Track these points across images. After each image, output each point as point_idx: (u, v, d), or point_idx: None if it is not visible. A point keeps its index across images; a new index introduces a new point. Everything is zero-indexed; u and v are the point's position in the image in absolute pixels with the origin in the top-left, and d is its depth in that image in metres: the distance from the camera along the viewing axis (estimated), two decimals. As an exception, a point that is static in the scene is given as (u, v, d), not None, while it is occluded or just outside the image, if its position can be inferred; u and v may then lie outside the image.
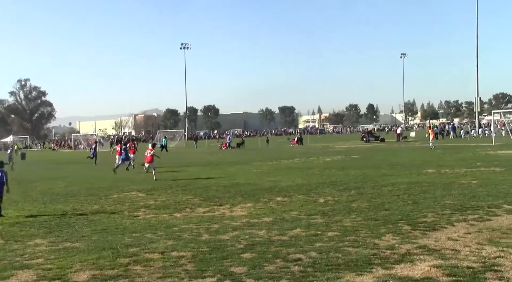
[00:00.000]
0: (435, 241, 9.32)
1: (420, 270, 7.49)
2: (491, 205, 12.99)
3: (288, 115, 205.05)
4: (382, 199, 14.91)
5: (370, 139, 63.12)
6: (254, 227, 11.42)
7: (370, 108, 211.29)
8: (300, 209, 13.67)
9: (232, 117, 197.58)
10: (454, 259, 8.01)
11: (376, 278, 7.19)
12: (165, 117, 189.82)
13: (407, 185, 17.78)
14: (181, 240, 10.29)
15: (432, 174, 21.61)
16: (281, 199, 15.79)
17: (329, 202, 14.86)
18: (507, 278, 6.93)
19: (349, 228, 10.77)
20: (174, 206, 15.28)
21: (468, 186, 16.91)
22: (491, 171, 21.64)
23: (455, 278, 7.02)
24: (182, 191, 18.94)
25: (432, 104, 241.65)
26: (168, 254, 9.11)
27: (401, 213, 12.28)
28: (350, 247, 9.05)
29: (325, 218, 12.17)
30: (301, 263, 8.11)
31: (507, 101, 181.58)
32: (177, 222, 12.52)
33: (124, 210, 14.78)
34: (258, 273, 7.64)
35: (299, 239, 9.89)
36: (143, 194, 18.38)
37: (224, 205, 15.01)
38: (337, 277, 7.30)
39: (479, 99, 76.97)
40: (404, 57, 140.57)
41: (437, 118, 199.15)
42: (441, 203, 13.69)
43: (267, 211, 13.69)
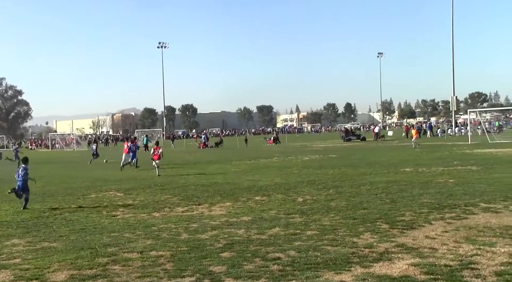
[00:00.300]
0: (413, 239, 9.40)
1: (398, 268, 7.55)
2: (468, 203, 13.16)
3: (266, 114, 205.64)
4: (360, 197, 15.00)
5: (351, 138, 63.49)
6: (233, 226, 11.40)
7: (348, 107, 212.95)
8: (279, 208, 13.69)
9: (210, 117, 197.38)
10: (431, 257, 8.09)
11: (354, 277, 7.23)
12: (143, 117, 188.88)
13: (385, 184, 17.92)
14: (160, 239, 10.23)
15: (410, 172, 21.81)
16: (260, 198, 15.79)
17: (308, 201, 14.90)
18: (484, 276, 7.02)
19: (328, 227, 10.81)
20: (152, 205, 15.18)
21: (445, 185, 17.10)
22: (468, 170, 21.93)
23: (433, 276, 7.08)
24: (160, 190, 18.83)
25: (409, 103, 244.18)
26: (147, 253, 9.05)
27: (379, 212, 12.36)
28: (329, 246, 9.08)
29: (303, 217, 12.20)
30: (280, 262, 8.11)
31: (483, 100, 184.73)
32: (155, 221, 12.44)
33: (103, 210, 14.64)
34: (237, 272, 7.63)
35: (278, 238, 9.90)
36: (122, 194, 18.23)
37: (203, 204, 14.96)
38: (316, 276, 7.32)
39: (455, 98, 78.05)
40: (381, 56, 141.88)
41: (414, 117, 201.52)
42: (419, 201, 13.82)
43: (246, 210, 13.68)
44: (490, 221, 10.85)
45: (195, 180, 22.10)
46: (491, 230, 9.94)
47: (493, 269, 7.33)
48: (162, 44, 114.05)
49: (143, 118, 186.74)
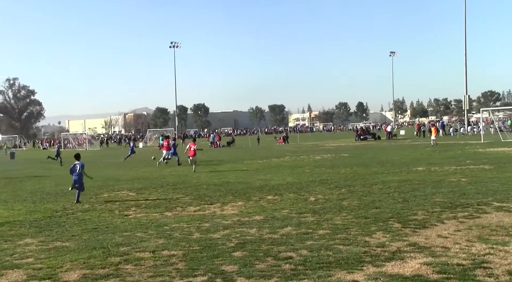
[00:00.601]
0: (425, 238, 9.36)
1: (411, 267, 7.52)
2: (480, 202, 13.08)
3: (278, 113, 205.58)
4: (372, 197, 14.96)
5: (367, 137, 63.80)
6: (245, 225, 11.42)
7: (360, 106, 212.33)
8: (291, 207, 13.69)
9: (222, 116, 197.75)
10: (444, 256, 8.06)
11: (366, 276, 7.21)
12: (155, 116, 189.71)
13: (397, 183, 17.85)
14: (172, 238, 10.28)
15: (422, 171, 21.71)
16: (272, 198, 15.80)
17: (320, 200, 14.89)
18: (497, 275, 6.98)
19: (340, 226, 10.80)
20: (164, 204, 15.25)
21: (457, 184, 17.01)
22: (480, 169, 21.78)
23: (445, 275, 7.05)
24: (172, 189, 18.90)
25: (422, 102, 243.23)
26: (159, 253, 9.09)
27: (391, 211, 12.33)
28: (341, 245, 9.07)
29: (315, 216, 12.19)
30: (292, 261, 8.12)
31: (495, 99, 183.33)
32: (168, 221, 12.49)
33: (115, 209, 14.73)
34: (249, 272, 7.65)
35: (290, 237, 9.91)
36: (134, 193, 18.34)
37: (215, 204, 15.00)
38: (328, 275, 7.32)
39: (468, 97, 77.48)
40: (393, 55, 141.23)
41: (427, 116, 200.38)
42: (431, 200, 13.75)
43: (258, 209, 13.70)
44: (503, 220, 10.77)
45: (207, 179, 22.16)
46: (504, 229, 9.87)
47: (506, 268, 7.28)
48: (174, 44, 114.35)
49: (155, 118, 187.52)
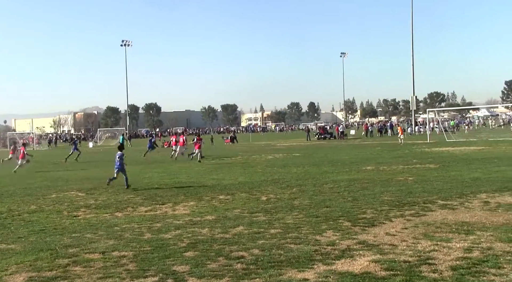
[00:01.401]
0: (374, 236, 9.58)
1: (360, 265, 7.68)
2: (426, 200, 13.48)
3: (231, 113, 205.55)
4: (323, 196, 15.18)
5: (326, 136, 65.20)
6: (196, 225, 11.39)
7: (312, 106, 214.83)
8: (242, 207, 13.74)
9: (175, 115, 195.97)
10: (391, 253, 8.27)
11: (317, 274, 7.32)
12: (106, 115, 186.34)
13: (347, 182, 18.18)
14: (123, 239, 10.15)
15: (371, 171, 22.19)
16: (223, 197, 15.81)
17: (272, 199, 15.00)
18: (440, 271, 7.22)
19: (291, 225, 10.91)
20: (115, 205, 15.02)
21: (405, 183, 17.46)
22: (426, 168, 22.43)
23: (393, 272, 7.24)
24: (123, 189, 18.64)
25: (371, 103, 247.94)
26: (109, 254, 8.96)
27: (341, 210, 12.54)
28: (292, 244, 9.17)
29: (267, 215, 12.28)
30: (244, 261, 8.15)
31: (441, 100, 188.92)
32: (118, 221, 12.32)
33: (63, 210, 14.41)
34: (201, 272, 7.64)
35: (242, 237, 9.95)
36: (83, 194, 17.98)
37: (167, 204, 14.89)
38: (279, 274, 7.39)
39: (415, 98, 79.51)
40: (344, 56, 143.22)
41: (376, 116, 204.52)
42: (380, 199, 14.08)
43: (209, 209, 13.69)
44: (447, 217, 11.15)
45: (159, 179, 21.97)
46: (448, 226, 10.22)
47: (449, 264, 7.54)
48: (126, 42, 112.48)
49: (106, 117, 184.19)
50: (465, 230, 9.75)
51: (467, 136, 51.46)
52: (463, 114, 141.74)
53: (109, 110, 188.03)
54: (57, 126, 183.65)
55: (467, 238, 9.13)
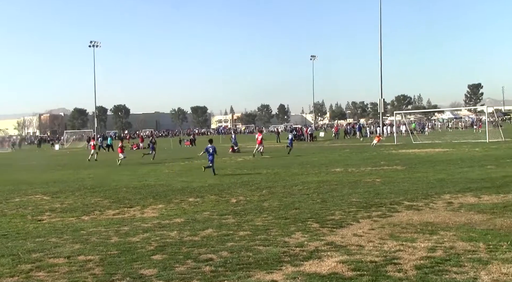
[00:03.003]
0: (341, 237, 9.67)
1: (328, 266, 7.74)
2: (393, 201, 13.68)
3: (201, 115, 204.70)
4: (292, 198, 15.26)
5: (301, 137, 66.20)
6: (165, 228, 11.32)
7: (281, 108, 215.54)
8: (212, 209, 13.71)
9: (144, 117, 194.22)
10: (358, 254, 8.36)
11: (285, 275, 7.35)
12: (73, 117, 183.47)
13: (316, 184, 18.31)
14: (89, 243, 10.00)
15: (340, 172, 22.39)
16: (193, 200, 15.75)
17: (241, 201, 15.00)
18: (405, 270, 7.34)
19: (260, 227, 10.93)
20: (82, 208, 14.81)
21: (372, 184, 17.68)
22: (394, 169, 22.76)
23: (359, 272, 7.32)
24: (90, 193, 18.39)
25: (340, 105, 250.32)
26: (74, 258, 8.82)
27: (310, 211, 12.63)
28: (261, 246, 9.19)
29: (236, 217, 12.28)
30: (213, 263, 8.13)
31: (407, 102, 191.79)
32: (85, 225, 12.14)
33: (27, 214, 14.13)
34: (169, 275, 7.59)
35: (211, 239, 9.92)
36: (48, 197, 17.66)
37: (135, 207, 14.75)
38: (247, 276, 7.40)
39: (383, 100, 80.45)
40: (314, 59, 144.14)
41: (345, 118, 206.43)
42: (348, 200, 14.22)
43: (179, 211, 13.61)
44: (413, 218, 11.33)
45: (127, 182, 21.75)
46: (413, 226, 10.39)
47: (414, 263, 7.67)
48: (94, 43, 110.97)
49: (73, 119, 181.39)
50: (429, 230, 9.93)
51: (432, 139, 52.37)
52: (428, 117, 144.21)
53: (76, 112, 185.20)
54: (21, 128, 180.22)
55: (431, 237, 9.30)
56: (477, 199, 13.67)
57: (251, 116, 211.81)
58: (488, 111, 62.72)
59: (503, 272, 7.08)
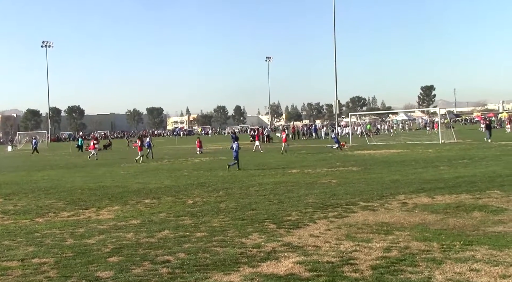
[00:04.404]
0: (298, 238, 9.79)
1: (285, 266, 7.83)
2: (348, 202, 13.92)
3: (157, 116, 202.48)
4: (249, 199, 15.32)
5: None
6: (121, 230, 11.19)
7: (238, 110, 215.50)
8: (168, 211, 13.63)
9: (99, 118, 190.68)
10: (315, 255, 8.48)
11: (243, 277, 7.40)
12: (26, 118, 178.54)
13: (273, 185, 18.43)
14: (43, 246, 9.81)
15: (296, 173, 22.59)
16: (149, 201, 15.62)
17: (198, 203, 14.97)
18: (361, 270, 7.50)
19: (217, 228, 10.95)
20: (36, 210, 14.48)
21: (328, 185, 17.92)
22: (349, 170, 23.13)
23: (316, 273, 7.44)
24: (44, 194, 17.99)
25: (296, 107, 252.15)
26: (28, 261, 8.64)
27: (267, 212, 12.72)
28: (218, 247, 9.22)
29: (193, 219, 12.25)
30: (170, 265, 8.11)
31: (362, 104, 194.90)
32: (39, 227, 11.89)
33: (-22, 217, 13.72)
34: (125, 277, 7.52)
35: (168, 241, 9.88)
36: (1, 199, 17.21)
37: (90, 209, 14.53)
38: (205, 277, 7.41)
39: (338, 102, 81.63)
40: (269, 60, 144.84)
41: (301, 120, 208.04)
42: (304, 201, 14.38)
43: (135, 213, 13.48)
44: (368, 218, 11.57)
45: (82, 184, 21.36)
46: (369, 227, 10.61)
47: (370, 263, 7.84)
48: (46, 43, 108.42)
49: (26, 120, 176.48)
50: (384, 230, 10.17)
51: (387, 140, 53.42)
52: (383, 118, 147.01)
53: (29, 113, 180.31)
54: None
55: (386, 238, 9.52)
56: (430, 199, 14.05)
57: (207, 117, 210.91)
58: (440, 113, 64.30)
59: (456, 272, 7.32)
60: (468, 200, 13.57)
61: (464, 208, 12.37)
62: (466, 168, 21.97)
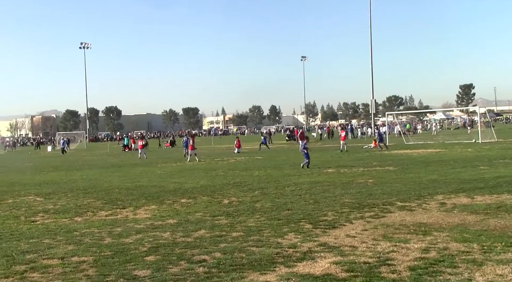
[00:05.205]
0: (334, 238, 9.70)
1: (321, 267, 7.77)
2: (385, 202, 13.73)
3: (192, 116, 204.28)
4: (285, 198, 15.28)
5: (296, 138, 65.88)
6: (158, 229, 11.31)
7: (273, 109, 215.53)
8: (204, 210, 13.71)
9: (135, 119, 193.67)
10: (352, 255, 8.39)
11: (279, 277, 7.37)
12: (65, 119, 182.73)
13: (308, 185, 18.34)
14: (82, 244, 9.99)
15: (332, 173, 22.44)
16: (185, 201, 15.74)
17: (233, 202, 15.01)
18: (399, 271, 7.37)
19: (253, 228, 10.95)
20: (74, 209, 14.77)
21: (365, 185, 17.74)
22: (386, 170, 22.84)
23: (353, 274, 7.35)
24: (83, 194, 18.33)
25: (332, 106, 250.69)
26: (68, 259, 8.81)
27: (303, 212, 12.65)
28: (254, 247, 9.21)
29: (229, 218, 12.28)
30: (206, 264, 8.14)
31: (399, 103, 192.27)
32: (78, 226, 12.11)
33: (21, 215, 14.07)
34: (162, 276, 7.59)
35: (204, 240, 9.92)
36: (41, 198, 17.60)
37: (128, 208, 14.72)
38: (241, 277, 7.41)
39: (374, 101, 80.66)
40: (304, 60, 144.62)
41: (336, 119, 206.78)
42: (341, 201, 14.26)
43: (171, 212, 13.60)
44: (405, 218, 11.38)
45: (120, 183, 21.69)
46: (406, 227, 10.44)
47: (407, 264, 7.71)
48: (85, 44, 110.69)
49: (65, 121, 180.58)
50: (422, 231, 9.98)
51: (425, 139, 52.57)
52: (420, 117, 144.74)
53: (68, 113, 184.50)
54: (14, 130, 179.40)
55: (424, 238, 9.35)
56: (470, 199, 13.75)
57: (242, 117, 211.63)
58: (480, 112, 62.85)
59: (497, 274, 7.12)
60: (509, 201, 13.22)
61: (506, 209, 12.05)
62: (507, 168, 21.42)
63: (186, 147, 39.87)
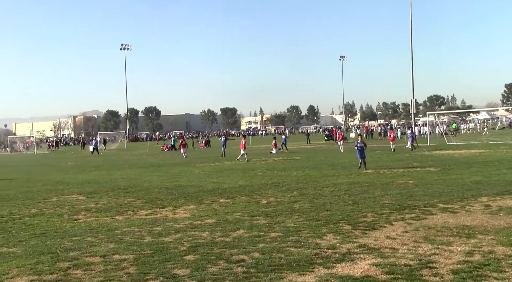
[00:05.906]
0: (374, 240, 9.57)
1: (360, 268, 7.68)
2: (427, 204, 13.47)
3: (230, 116, 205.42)
4: (323, 199, 15.18)
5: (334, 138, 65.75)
6: (197, 228, 11.39)
7: (311, 109, 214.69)
8: (243, 210, 13.73)
9: (174, 119, 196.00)
10: (392, 257, 8.26)
11: (317, 278, 7.32)
12: (106, 119, 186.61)
13: (347, 185, 18.17)
14: (123, 243, 10.14)
15: (372, 174, 22.17)
16: (224, 201, 15.81)
17: (272, 203, 14.99)
18: (442, 274, 7.21)
19: (292, 229, 10.90)
20: (115, 208, 15.02)
21: (405, 186, 17.45)
22: (427, 171, 22.42)
23: (393, 276, 7.23)
24: (123, 193, 18.64)
25: (371, 106, 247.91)
26: (109, 257, 8.96)
27: (342, 213, 12.54)
28: (293, 247, 9.17)
29: (267, 219, 12.27)
30: (244, 264, 8.15)
31: (440, 103, 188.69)
32: (118, 224, 12.32)
33: (64, 213, 14.41)
34: (201, 275, 7.63)
35: (242, 240, 9.94)
36: (84, 197, 17.98)
37: (167, 207, 14.88)
38: (279, 277, 7.38)
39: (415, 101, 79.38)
40: (343, 59, 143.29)
41: (376, 119, 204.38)
42: (380, 202, 14.07)
43: (210, 212, 13.68)
44: (448, 221, 11.14)
45: (159, 183, 21.96)
46: (449, 229, 10.21)
47: (450, 267, 7.53)
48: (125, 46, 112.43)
49: (106, 121, 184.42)
50: (466, 234, 9.74)
51: (467, 140, 51.41)
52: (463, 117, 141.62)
53: (108, 113, 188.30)
54: (57, 130, 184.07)
55: (468, 241, 9.12)
56: (516, 202, 13.35)
57: (280, 117, 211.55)
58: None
59: (544, 278, 6.89)
60: (557, 203, 12.79)
61: (553, 212, 11.66)
62: (554, 169, 20.72)
63: (224, 146, 41.48)
